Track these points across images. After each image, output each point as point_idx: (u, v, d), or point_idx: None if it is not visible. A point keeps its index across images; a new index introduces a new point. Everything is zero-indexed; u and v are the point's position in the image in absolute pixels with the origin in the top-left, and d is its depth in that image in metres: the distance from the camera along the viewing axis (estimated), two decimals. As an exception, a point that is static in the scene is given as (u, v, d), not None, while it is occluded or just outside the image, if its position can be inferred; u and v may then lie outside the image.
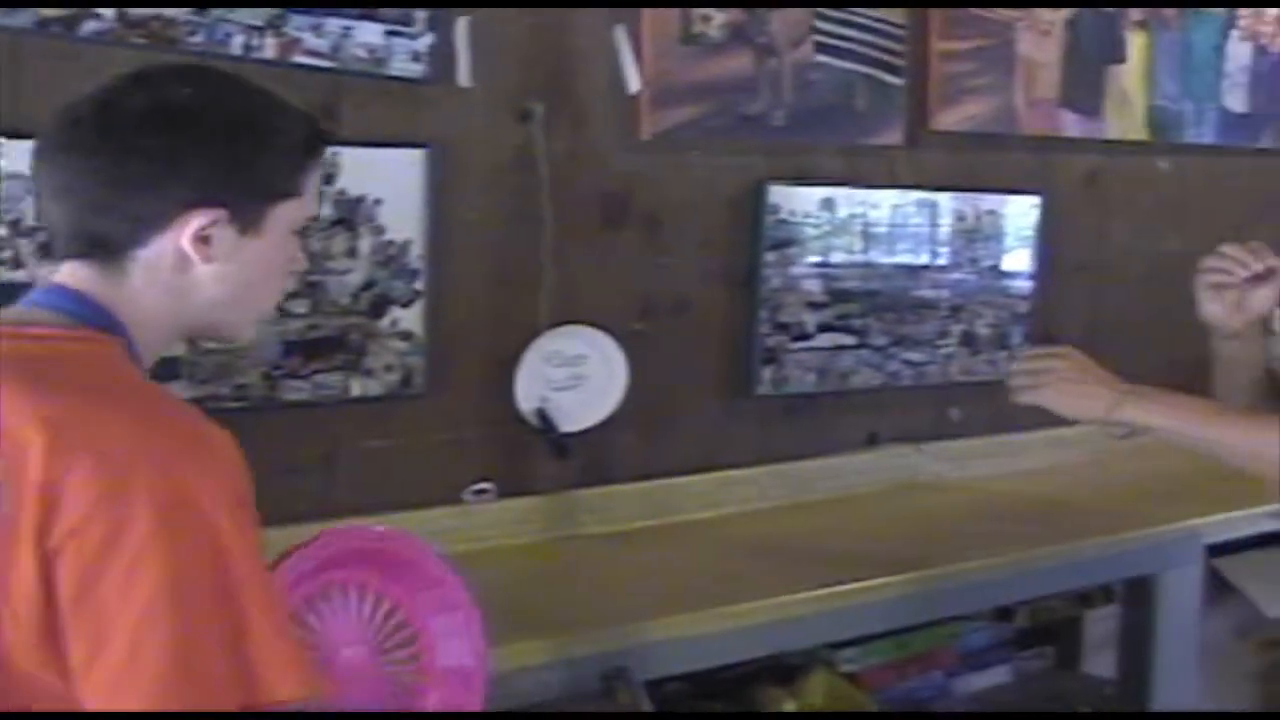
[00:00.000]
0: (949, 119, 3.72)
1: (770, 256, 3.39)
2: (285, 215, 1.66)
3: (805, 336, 3.47)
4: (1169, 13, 4.25)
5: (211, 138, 1.59)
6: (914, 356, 3.68)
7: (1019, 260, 3.88)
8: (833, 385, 3.54)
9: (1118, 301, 4.14)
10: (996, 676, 3.65)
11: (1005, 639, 3.67)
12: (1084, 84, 4.04)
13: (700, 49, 3.25)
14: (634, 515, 3.21)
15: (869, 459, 3.65)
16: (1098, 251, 4.12)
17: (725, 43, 3.29)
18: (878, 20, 3.56)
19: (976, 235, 3.79)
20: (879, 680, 3.37)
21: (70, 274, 1.62)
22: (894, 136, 3.61)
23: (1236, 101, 4.49)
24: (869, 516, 3.41)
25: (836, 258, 3.51)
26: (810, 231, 3.46)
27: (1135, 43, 4.18)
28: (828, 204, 3.48)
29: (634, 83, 3.14)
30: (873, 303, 3.59)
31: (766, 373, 3.42)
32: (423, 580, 1.95)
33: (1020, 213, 3.85)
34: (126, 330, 1.60)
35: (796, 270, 3.44)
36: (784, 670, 3.16)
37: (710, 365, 3.39)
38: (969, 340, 3.77)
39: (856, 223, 3.54)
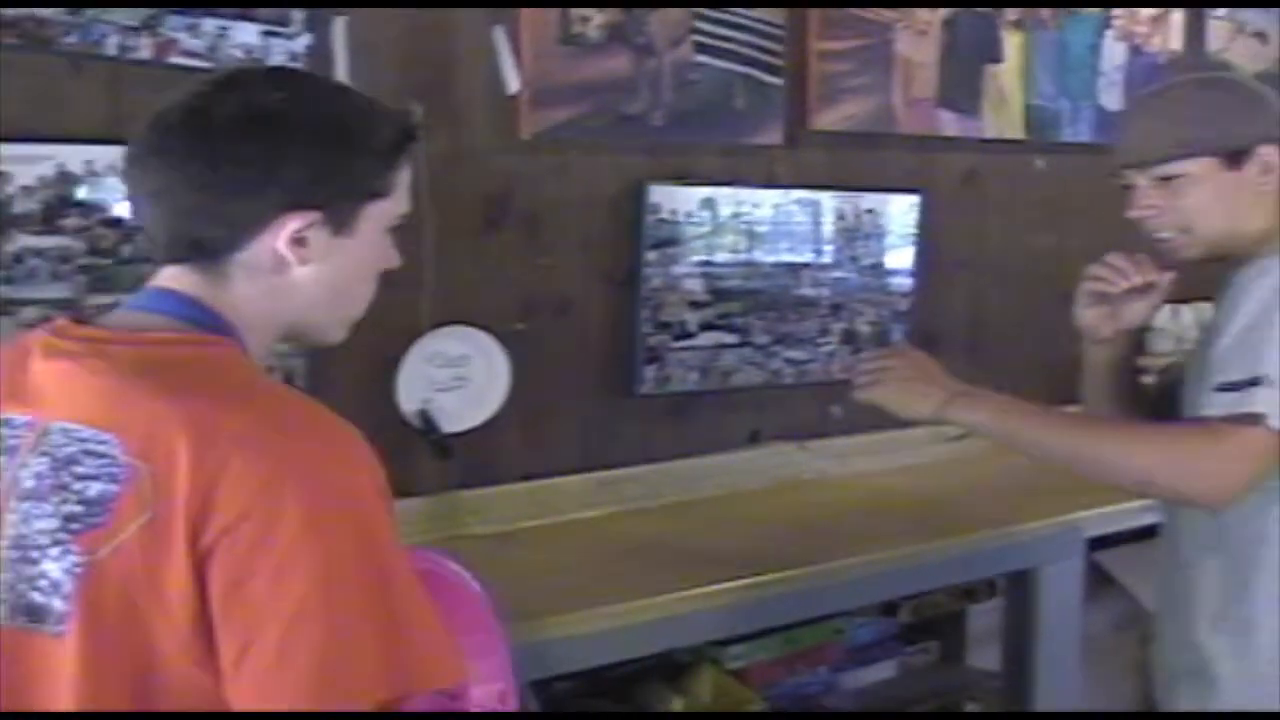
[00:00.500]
0: (828, 118, 3.80)
1: (651, 256, 3.45)
2: (378, 214, 1.68)
3: (687, 335, 3.54)
4: (1045, 13, 4.37)
5: (304, 141, 1.61)
6: (796, 355, 3.76)
7: (899, 258, 3.97)
8: (715, 384, 3.61)
9: (997, 298, 4.25)
10: (882, 671, 3.72)
11: (891, 634, 3.75)
12: (962, 84, 4.14)
13: (579, 49, 3.31)
14: (518, 515, 3.26)
15: (752, 457, 3.72)
16: (976, 249, 4.23)
17: (604, 43, 3.35)
18: (757, 20, 3.63)
19: (857, 234, 3.87)
20: (766, 676, 3.44)
21: (173, 278, 1.65)
22: (774, 136, 3.69)
23: (1112, 100, 4.62)
24: (753, 514, 3.47)
25: (718, 257, 3.58)
26: (691, 231, 3.52)
27: (1012, 42, 4.29)
28: (708, 203, 3.55)
29: (513, 83, 3.19)
30: (754, 301, 3.66)
31: (649, 372, 3.48)
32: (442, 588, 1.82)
33: (900, 211, 3.94)
34: (237, 332, 1.63)
35: (678, 269, 3.51)
36: (671, 668, 3.22)
37: (592, 365, 3.45)
38: (850, 338, 3.85)
39: (737, 222, 3.61)
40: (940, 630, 3.85)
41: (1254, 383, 2.20)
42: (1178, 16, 4.83)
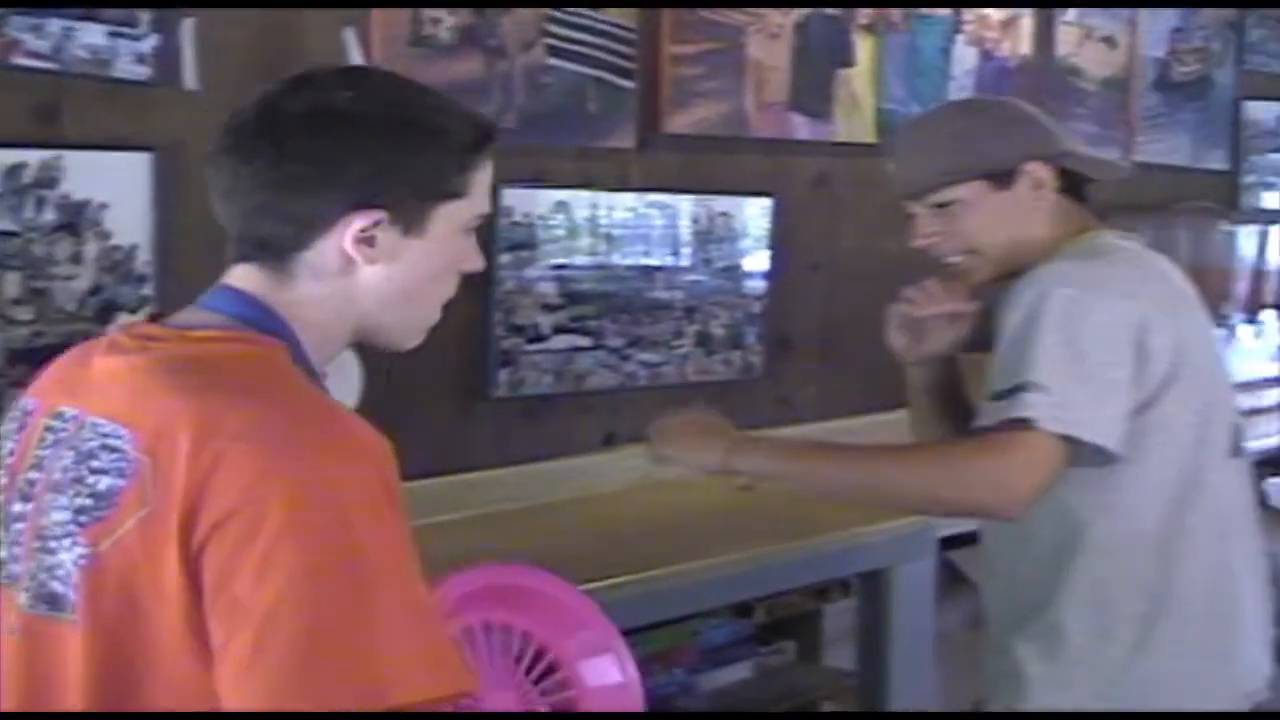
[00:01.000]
0: (680, 122, 3.88)
1: (505, 259, 3.50)
2: (451, 215, 1.68)
3: (541, 339, 3.60)
4: (896, 16, 4.48)
5: (370, 139, 1.62)
6: (650, 357, 3.83)
7: (753, 261, 4.06)
8: (570, 387, 3.68)
9: (849, 301, 4.34)
10: (738, 672, 3.79)
11: (746, 635, 3.82)
12: (813, 87, 4.25)
13: (430, 51, 3.36)
14: (372, 520, 3.27)
15: (607, 459, 3.76)
16: (829, 252, 4.32)
17: (455, 45, 3.40)
18: (609, 24, 3.70)
19: (710, 237, 3.95)
20: (620, 679, 3.48)
21: (240, 276, 1.67)
22: (626, 139, 3.77)
23: (962, 104, 4.74)
24: (608, 517, 3.52)
25: (572, 260, 3.65)
26: (544, 234, 3.58)
27: (863, 46, 4.40)
28: (562, 206, 3.62)
29: (364, 85, 3.21)
30: (608, 304, 3.73)
31: (503, 375, 3.54)
32: (549, 606, 1.89)
33: (753, 214, 4.04)
34: (291, 332, 1.65)
35: (531, 272, 3.57)
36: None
37: (446, 368, 3.50)
38: (704, 340, 3.93)
39: (591, 225, 3.68)
40: (795, 630, 3.93)
41: (1020, 388, 2.26)
42: (1027, 21, 4.98)
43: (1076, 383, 2.26)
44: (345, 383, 3.18)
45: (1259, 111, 6.37)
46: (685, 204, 3.88)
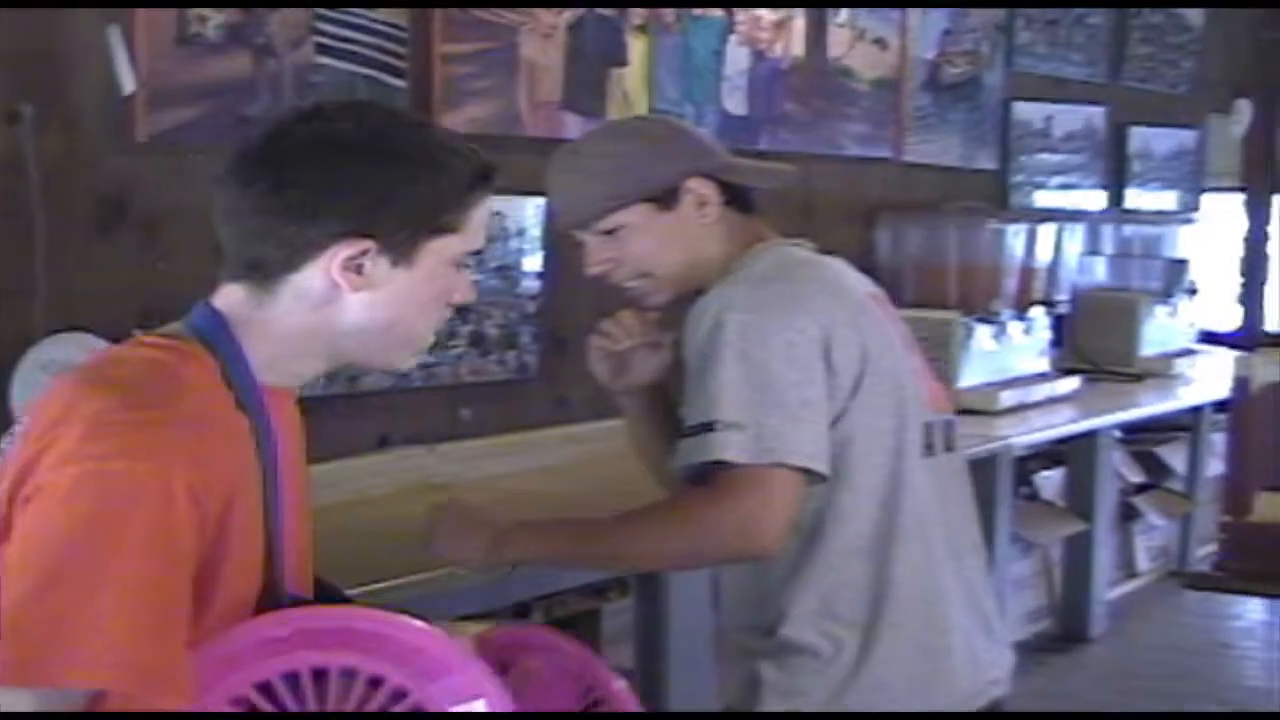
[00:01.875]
0: (452, 121, 3.96)
1: (275, 260, 3.53)
2: (442, 249, 1.78)
3: (312, 340, 3.63)
4: (669, 17, 4.61)
5: (366, 169, 1.73)
6: (423, 358, 3.87)
7: (527, 261, 4.14)
8: (342, 388, 3.74)
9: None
10: (515, 674, 3.86)
11: (523, 636, 3.88)
12: (586, 87, 4.36)
13: (197, 50, 3.40)
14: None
15: (381, 461, 3.83)
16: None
17: (223, 43, 3.44)
18: (380, 22, 3.77)
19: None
20: (396, 683, 3.54)
21: (222, 294, 1.80)
22: (398, 139, 3.81)
23: (736, 105, 4.90)
24: (383, 519, 3.57)
25: (343, 260, 3.68)
26: (315, 234, 3.62)
27: (636, 46, 4.52)
28: (333, 206, 3.65)
29: (128, 84, 3.24)
30: (381, 305, 3.77)
31: (273, 377, 3.56)
32: (407, 651, 1.73)
33: (526, 214, 4.12)
34: (236, 349, 1.76)
35: (302, 273, 3.59)
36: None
37: (215, 370, 3.51)
38: (478, 341, 4.01)
39: (362, 225, 3.72)
40: (574, 630, 4.00)
41: (709, 427, 2.32)
42: (800, 23, 5.15)
43: (770, 410, 2.32)
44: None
45: (1027, 112, 6.65)
46: (458, 204, 3.94)
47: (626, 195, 2.50)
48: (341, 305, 1.76)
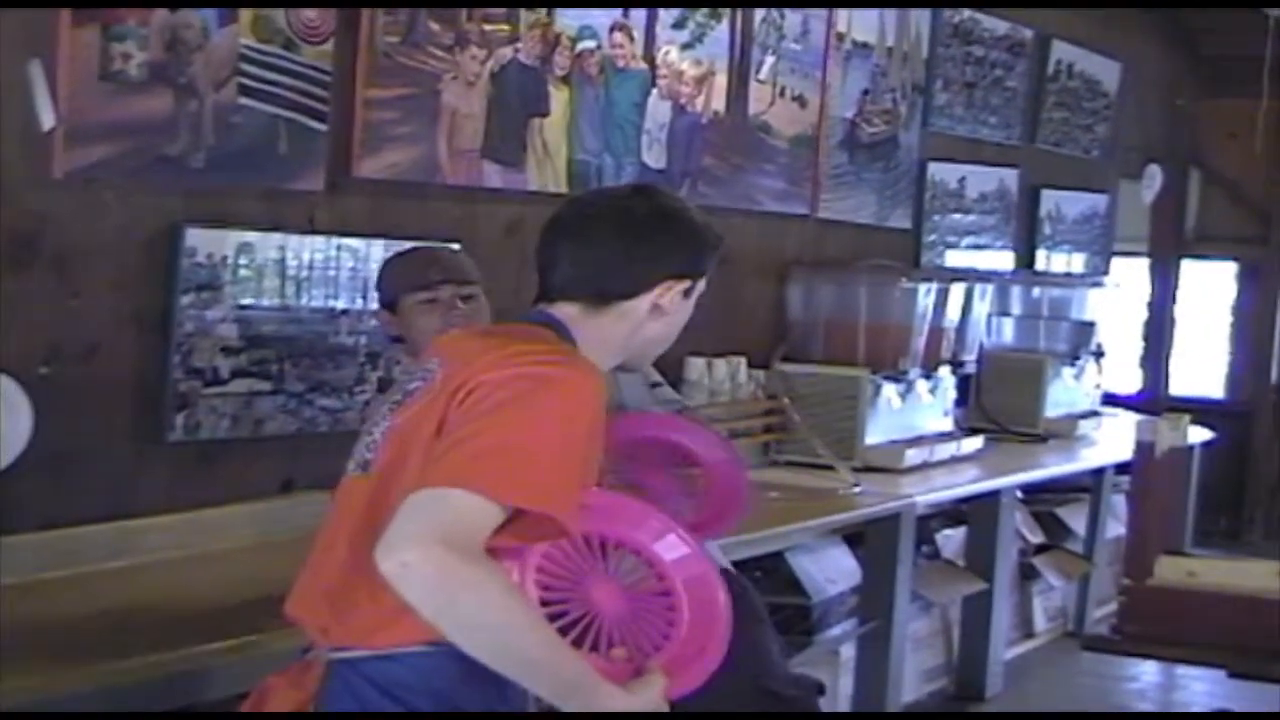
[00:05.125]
0: (371, 166, 3.98)
1: (186, 300, 3.55)
2: (698, 288, 2.47)
3: (219, 382, 3.64)
4: (592, 69, 4.64)
5: (686, 233, 2.45)
6: (330, 403, 3.90)
7: (440, 308, 4.14)
8: (248, 431, 3.74)
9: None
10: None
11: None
12: (507, 136, 4.38)
13: (119, 87, 3.39)
14: (35, 566, 3.29)
15: (285, 505, 3.82)
16: (517, 299, 4.39)
17: (145, 81, 3.43)
18: (303, 64, 3.78)
19: (397, 283, 4.03)
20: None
21: (557, 308, 2.39)
22: (316, 182, 3.85)
23: (655, 158, 4.95)
24: (285, 564, 3.55)
25: (254, 302, 3.70)
26: (228, 275, 3.63)
27: (558, 97, 4.55)
28: (246, 248, 3.67)
29: (48, 119, 3.23)
30: (290, 348, 3.80)
31: (179, 418, 3.58)
32: (611, 513, 2.31)
33: (442, 261, 4.12)
34: (573, 342, 2.35)
35: (213, 314, 3.62)
36: (196, 721, 3.29)
37: (120, 410, 3.52)
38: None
39: (275, 268, 3.74)
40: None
41: None
42: (721, 79, 5.20)
43: None
44: (15, 425, 3.19)
45: (942, 172, 6.74)
46: (374, 249, 3.96)
47: None
48: (647, 325, 2.42)
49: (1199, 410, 6.64)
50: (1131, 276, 8.89)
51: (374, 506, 2.23)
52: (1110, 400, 7.66)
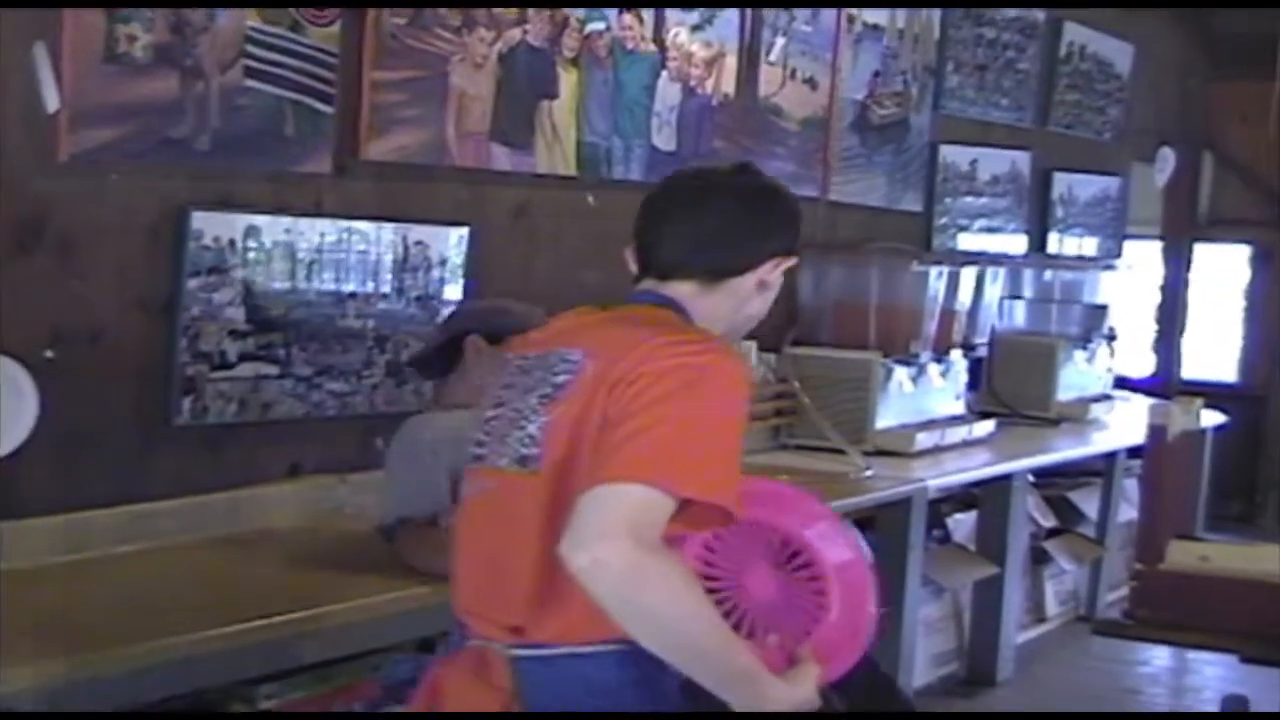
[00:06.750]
0: (379, 149, 3.96)
1: (192, 284, 3.54)
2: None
3: (227, 366, 3.63)
4: (601, 51, 4.62)
5: (791, 211, 2.52)
6: (338, 387, 3.89)
7: (448, 290, 4.14)
8: (255, 416, 3.73)
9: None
10: (419, 708, 3.84)
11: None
12: (515, 118, 4.36)
13: (124, 69, 3.37)
14: (46, 551, 3.28)
15: (292, 490, 3.82)
16: (525, 282, 4.43)
17: (150, 64, 3.42)
18: (310, 46, 3.76)
19: (405, 265, 4.03)
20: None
21: (670, 287, 2.42)
22: (323, 165, 3.83)
23: (665, 140, 4.92)
24: (292, 548, 3.57)
25: (261, 286, 3.69)
26: (234, 259, 3.61)
27: (567, 79, 4.53)
28: (253, 231, 3.65)
29: (52, 102, 3.22)
30: (297, 332, 3.79)
31: (185, 403, 3.57)
32: (787, 506, 2.44)
33: (449, 244, 4.12)
34: (689, 319, 2.40)
35: (219, 298, 3.60)
36: (203, 708, 3.28)
37: (127, 395, 3.51)
38: (395, 371, 4.00)
39: (282, 251, 3.73)
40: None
41: None
42: (731, 61, 5.17)
43: None
44: (20, 409, 3.18)
45: (954, 155, 6.71)
46: (382, 232, 3.95)
47: None
48: (753, 299, 2.47)
49: (1211, 394, 6.60)
50: (1144, 260, 8.85)
51: (554, 504, 2.25)
52: (1122, 384, 7.62)
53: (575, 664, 2.28)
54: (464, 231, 4.18)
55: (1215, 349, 9.55)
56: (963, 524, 6.11)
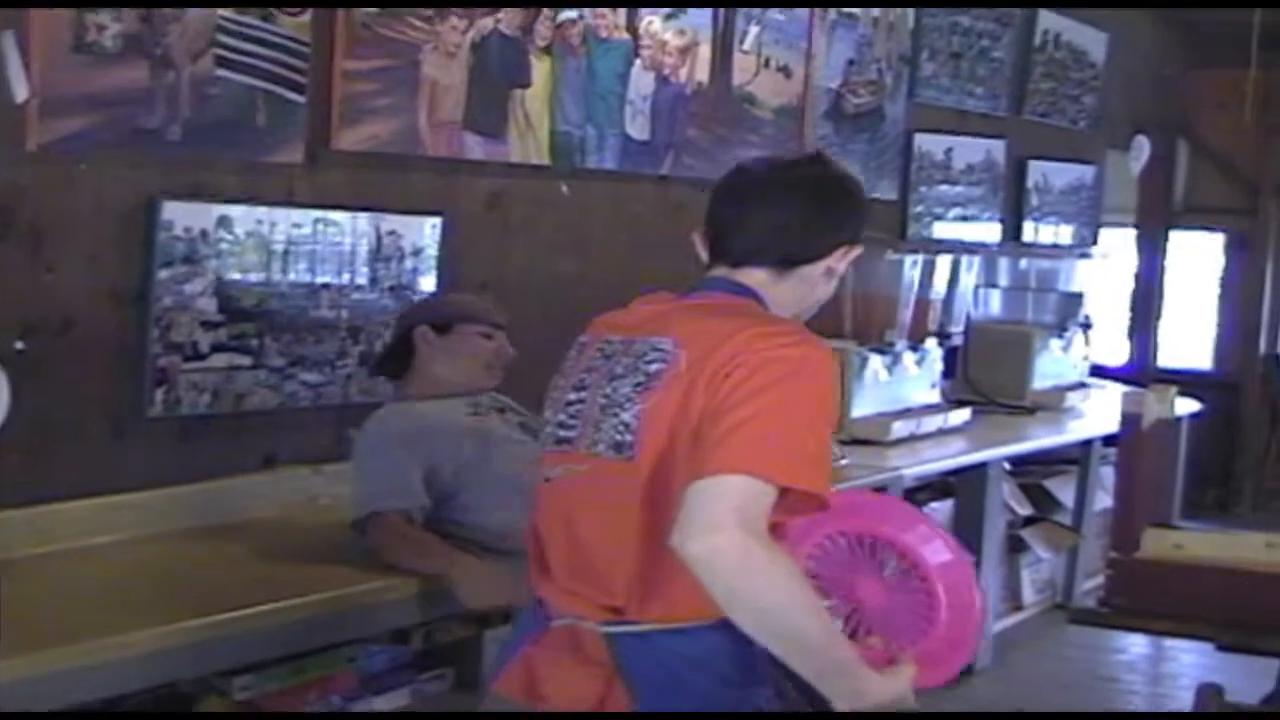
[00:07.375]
0: (351, 138, 3.95)
1: (163, 274, 3.53)
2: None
3: (199, 356, 3.62)
4: (575, 40, 4.61)
5: (860, 200, 2.59)
6: (312, 377, 3.88)
7: (423, 281, 4.13)
8: (228, 407, 3.72)
9: (518, 320, 4.42)
10: (396, 700, 3.83)
11: (404, 662, 3.86)
12: (488, 107, 4.35)
13: (93, 58, 3.36)
14: (16, 543, 3.26)
15: (266, 481, 3.81)
16: (499, 271, 4.43)
17: (120, 53, 3.40)
18: (281, 35, 3.75)
19: (378, 255, 4.03)
20: (275, 706, 3.51)
21: (743, 274, 2.49)
22: (295, 155, 3.82)
23: (639, 129, 4.91)
24: (266, 540, 3.57)
25: (233, 276, 3.68)
26: (206, 249, 3.60)
27: (540, 68, 4.52)
28: (225, 221, 3.65)
29: (21, 91, 3.21)
30: (270, 323, 3.78)
31: (158, 394, 3.56)
32: (881, 515, 2.59)
33: (423, 234, 4.11)
34: (765, 306, 2.48)
35: (191, 288, 3.59)
36: (177, 700, 3.27)
37: (98, 386, 3.50)
38: (368, 361, 3.98)
39: (255, 241, 3.71)
40: (454, 657, 3.99)
41: None
42: (705, 49, 5.16)
43: None
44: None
45: (928, 144, 6.72)
46: (355, 221, 3.94)
47: None
48: (819, 285, 2.53)
49: (1187, 382, 6.59)
50: (1119, 248, 8.87)
51: (653, 493, 2.34)
52: (1098, 372, 7.64)
53: (673, 639, 2.36)
54: (437, 221, 4.17)
55: (1190, 337, 9.57)
56: (939, 512, 6.11)
